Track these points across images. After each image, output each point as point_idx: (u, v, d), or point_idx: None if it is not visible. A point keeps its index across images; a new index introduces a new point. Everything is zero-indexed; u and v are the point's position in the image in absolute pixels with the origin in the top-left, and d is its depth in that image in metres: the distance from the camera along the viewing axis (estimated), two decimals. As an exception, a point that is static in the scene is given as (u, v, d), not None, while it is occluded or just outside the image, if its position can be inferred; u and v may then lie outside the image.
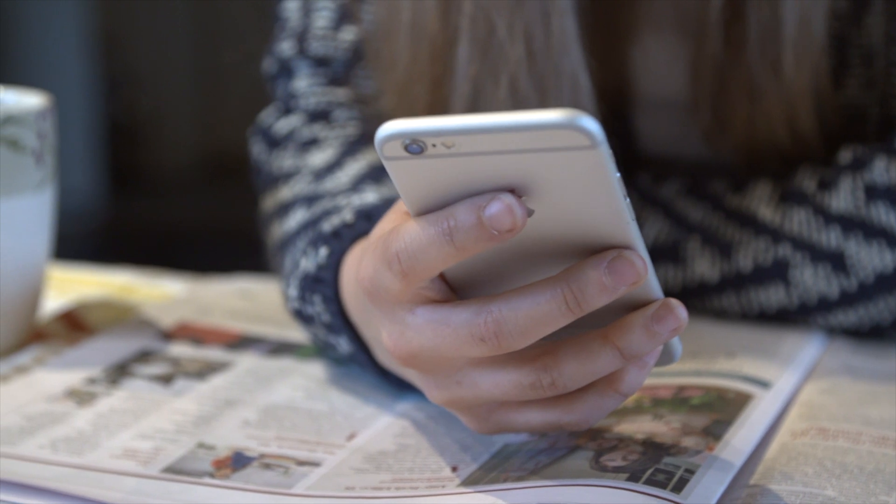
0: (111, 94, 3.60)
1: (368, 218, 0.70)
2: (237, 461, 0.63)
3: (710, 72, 0.78)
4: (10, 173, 0.75)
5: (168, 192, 3.66)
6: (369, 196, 0.74)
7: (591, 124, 0.49)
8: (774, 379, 0.69)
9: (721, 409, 0.65)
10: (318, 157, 0.81)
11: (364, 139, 0.82)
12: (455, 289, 0.57)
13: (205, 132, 3.75)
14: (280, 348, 0.78)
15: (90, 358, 0.75)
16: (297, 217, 0.77)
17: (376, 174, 0.78)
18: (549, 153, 0.50)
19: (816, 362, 0.73)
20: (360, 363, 0.71)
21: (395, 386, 0.70)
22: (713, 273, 0.78)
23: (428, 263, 0.53)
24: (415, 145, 0.51)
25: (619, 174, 0.51)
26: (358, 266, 0.64)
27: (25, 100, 0.78)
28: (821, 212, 0.76)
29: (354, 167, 0.79)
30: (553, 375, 0.55)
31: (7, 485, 0.61)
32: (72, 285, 0.89)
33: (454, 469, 0.61)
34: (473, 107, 0.73)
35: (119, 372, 0.74)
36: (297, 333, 0.79)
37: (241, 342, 0.79)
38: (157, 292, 0.89)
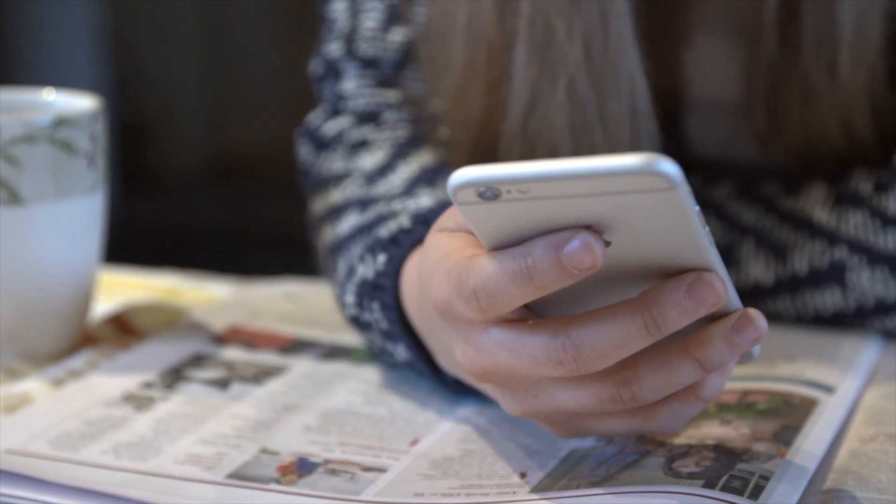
0: (120, 94, 3.59)
1: (426, 223, 0.70)
2: (302, 467, 0.63)
3: (764, 74, 0.77)
4: (63, 176, 0.74)
5: (177, 191, 3.66)
6: (424, 200, 0.74)
7: (670, 168, 0.48)
8: (837, 383, 0.68)
9: (788, 414, 0.64)
10: (369, 160, 0.81)
11: (414, 141, 0.82)
12: (529, 305, 0.56)
13: (213, 132, 3.74)
14: (333, 352, 0.77)
15: (144, 362, 0.75)
16: (349, 221, 0.77)
17: (429, 177, 0.77)
18: (627, 195, 0.50)
19: (876, 367, 0.73)
20: (417, 370, 0.71)
21: (454, 391, 0.69)
22: (768, 276, 0.77)
23: (507, 300, 0.53)
24: (489, 192, 0.50)
25: (698, 207, 0.51)
26: (419, 276, 0.64)
27: (77, 102, 0.78)
28: (878, 214, 0.75)
29: (406, 170, 0.78)
30: (633, 389, 0.55)
31: (72, 490, 0.60)
32: (117, 288, 0.88)
33: (523, 475, 0.61)
34: (531, 109, 0.73)
35: (174, 376, 0.73)
36: (349, 337, 0.78)
37: (293, 346, 0.78)
38: (204, 295, 0.88)
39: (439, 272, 0.56)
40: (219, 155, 3.69)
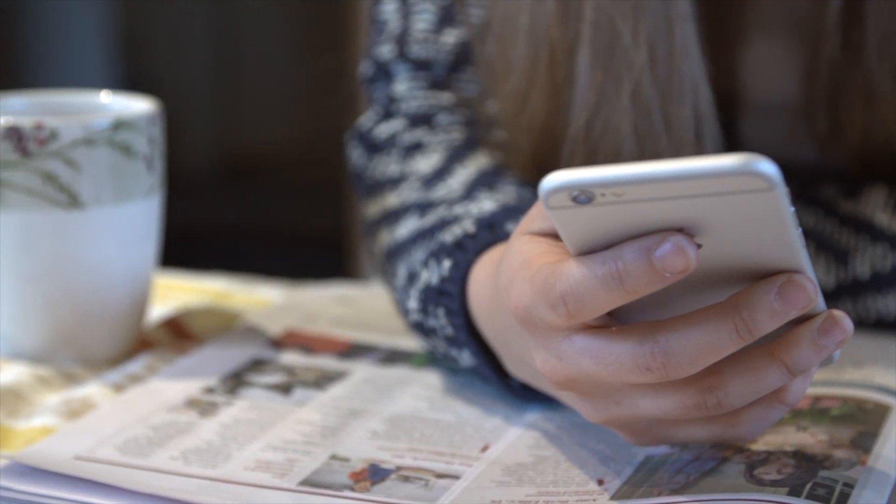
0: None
1: (491, 228, 0.69)
2: (374, 474, 0.62)
3: (825, 76, 0.77)
4: (122, 179, 0.74)
5: (186, 192, 3.64)
6: (486, 204, 0.73)
7: (770, 168, 0.48)
8: (907, 389, 0.68)
9: (863, 420, 0.64)
10: (424, 163, 0.80)
11: (469, 144, 0.81)
12: (610, 311, 0.56)
13: (224, 134, 3.74)
14: (392, 356, 0.77)
15: (203, 367, 0.74)
16: (407, 225, 0.76)
17: (488, 180, 0.76)
18: (722, 196, 0.49)
19: (942, 371, 0.72)
20: (482, 376, 0.70)
21: (521, 397, 0.69)
22: (828, 280, 0.77)
23: (596, 306, 0.52)
24: (583, 196, 0.50)
25: (793, 208, 0.50)
26: (496, 281, 0.63)
27: (135, 105, 0.77)
28: (941, 218, 0.75)
29: (464, 174, 0.78)
30: (719, 396, 0.54)
31: (144, 497, 0.60)
32: (168, 291, 0.88)
33: (600, 482, 0.60)
34: (595, 114, 0.72)
35: (235, 381, 0.73)
36: (407, 341, 0.78)
37: (351, 350, 0.78)
38: (254, 298, 0.88)
39: (520, 278, 0.55)
40: (229, 156, 3.69)
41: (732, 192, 0.49)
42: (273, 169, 3.65)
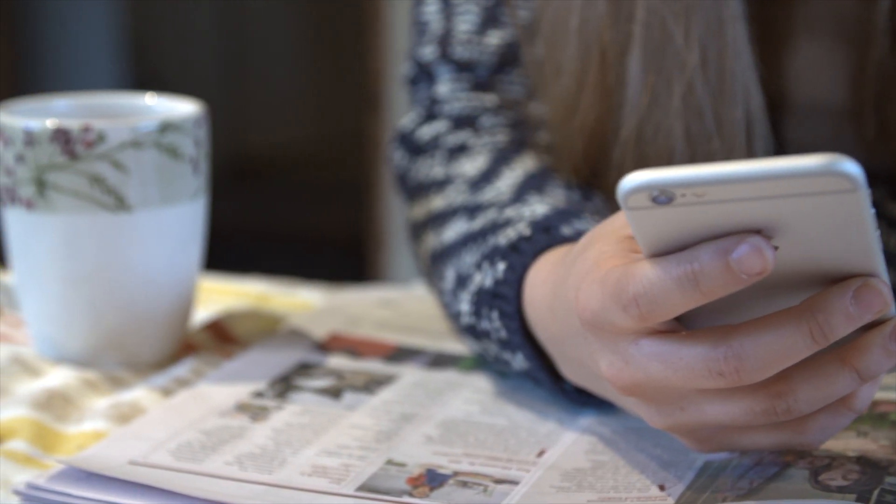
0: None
1: (546, 231, 0.68)
2: (432, 479, 0.62)
3: (873, 79, 0.76)
4: (168, 182, 0.73)
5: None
6: (538, 207, 0.72)
7: (853, 169, 0.47)
8: (963, 393, 0.67)
9: (923, 425, 0.63)
10: (469, 166, 0.79)
11: (515, 146, 0.80)
12: (679, 317, 0.55)
13: (232, 135, 3.74)
14: (440, 360, 0.76)
15: (250, 371, 0.74)
16: (455, 228, 0.76)
17: (536, 183, 0.76)
18: (803, 197, 0.49)
19: None
20: (535, 380, 0.69)
21: (574, 401, 0.68)
22: (877, 284, 0.76)
23: (669, 308, 0.52)
24: (663, 196, 0.49)
25: (873, 210, 0.50)
26: (558, 285, 0.62)
27: (180, 107, 0.77)
28: None
29: (511, 176, 0.77)
30: (788, 402, 0.54)
31: (200, 502, 0.59)
32: (209, 294, 0.87)
33: (661, 487, 0.60)
34: (647, 116, 0.72)
35: (284, 385, 0.72)
36: (453, 345, 0.77)
37: (398, 354, 0.77)
38: (294, 301, 0.87)
39: (589, 280, 0.55)
40: (237, 157, 3.69)
41: (814, 193, 0.48)
42: (281, 170, 3.65)
